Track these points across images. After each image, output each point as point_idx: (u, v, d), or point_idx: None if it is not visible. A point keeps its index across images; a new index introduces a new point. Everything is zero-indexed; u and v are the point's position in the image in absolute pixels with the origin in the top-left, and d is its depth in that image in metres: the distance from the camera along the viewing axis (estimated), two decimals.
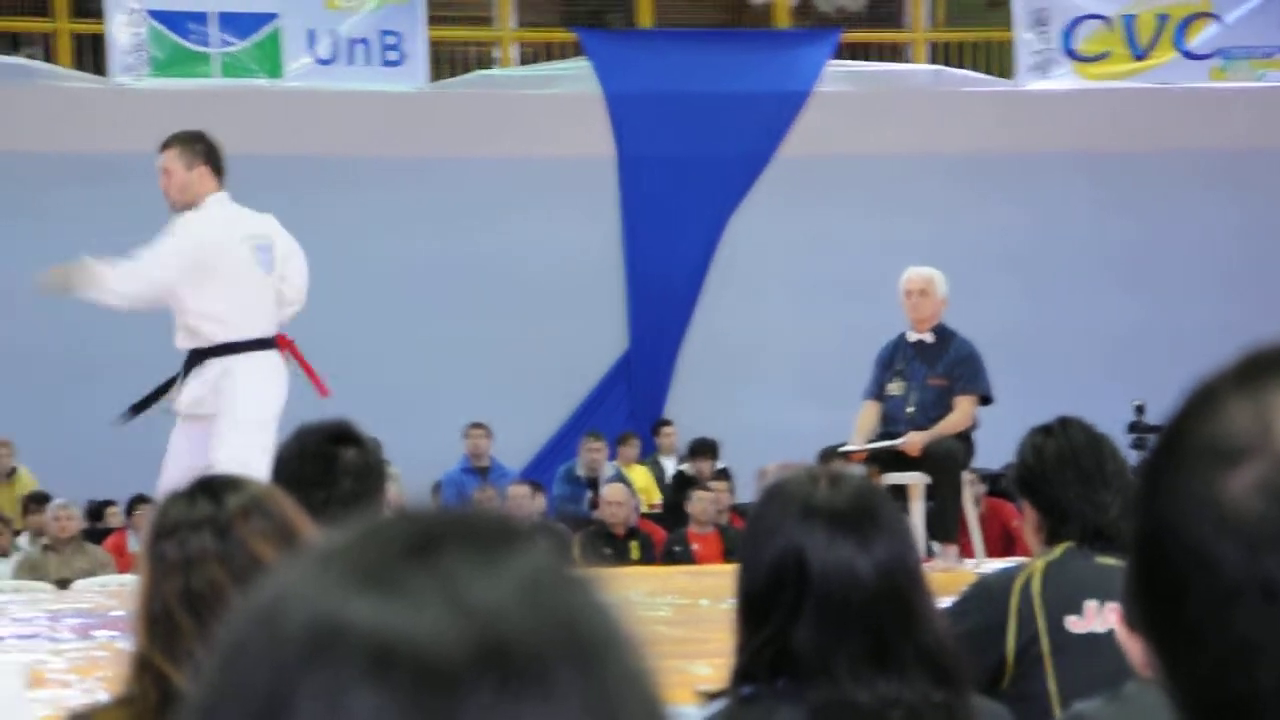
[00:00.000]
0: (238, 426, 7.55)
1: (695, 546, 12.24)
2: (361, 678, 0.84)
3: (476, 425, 14.29)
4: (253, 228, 8.04)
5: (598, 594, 0.92)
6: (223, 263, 7.75)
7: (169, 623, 2.55)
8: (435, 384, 15.10)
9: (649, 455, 14.82)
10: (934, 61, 17.07)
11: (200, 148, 7.86)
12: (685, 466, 14.36)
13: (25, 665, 5.13)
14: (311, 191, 15.46)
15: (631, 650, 0.91)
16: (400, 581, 0.87)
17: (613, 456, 14.35)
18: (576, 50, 16.48)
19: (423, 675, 0.84)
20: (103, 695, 3.56)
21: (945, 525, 9.12)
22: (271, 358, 7.82)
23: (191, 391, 7.75)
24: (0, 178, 14.94)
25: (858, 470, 2.72)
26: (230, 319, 7.74)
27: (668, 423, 15.24)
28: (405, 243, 15.60)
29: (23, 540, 12.48)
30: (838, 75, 16.45)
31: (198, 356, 7.78)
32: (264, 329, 7.85)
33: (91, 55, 15.74)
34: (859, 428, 9.42)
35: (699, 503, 12.58)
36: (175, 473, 7.61)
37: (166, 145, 7.89)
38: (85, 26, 15.77)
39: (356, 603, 0.86)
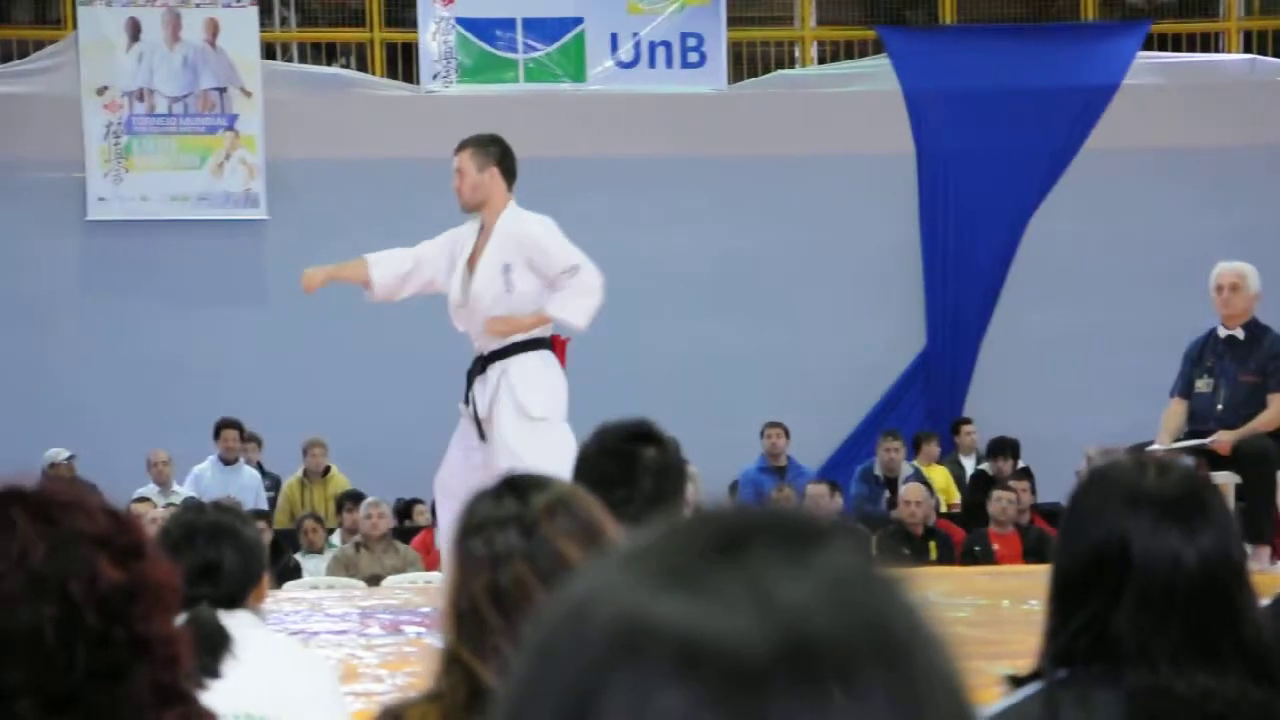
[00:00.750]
0: (513, 423, 7.65)
1: (995, 547, 12.07)
2: (669, 676, 0.84)
3: (774, 424, 14.28)
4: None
5: (904, 593, 0.91)
6: None
7: (476, 619, 2.59)
8: (733, 382, 15.13)
9: (948, 454, 14.65)
10: (1248, 51, 16.56)
11: (494, 151, 8.00)
12: (985, 466, 14.16)
13: (338, 660, 5.27)
14: (614, 193, 15.65)
15: (938, 650, 0.90)
16: (707, 580, 0.87)
17: (911, 456, 14.22)
18: (877, 48, 16.38)
19: (730, 673, 0.84)
20: (413, 690, 3.65)
21: (1257, 526, 8.85)
22: (545, 355, 7.83)
23: (481, 395, 7.87)
24: (320, 184, 15.41)
25: (1187, 461, 2.65)
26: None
27: (967, 421, 15.04)
28: (705, 242, 15.66)
29: (336, 538, 12.81)
30: (1148, 67, 16.07)
31: (483, 360, 7.90)
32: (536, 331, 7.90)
33: (402, 64, 16.15)
34: (1165, 426, 9.20)
35: (999, 503, 12.40)
36: (445, 471, 7.79)
37: (461, 147, 8.05)
38: (397, 35, 16.19)
39: (663, 601, 0.86)
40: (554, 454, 6.66)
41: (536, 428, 7.64)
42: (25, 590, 1.70)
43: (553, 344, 8.00)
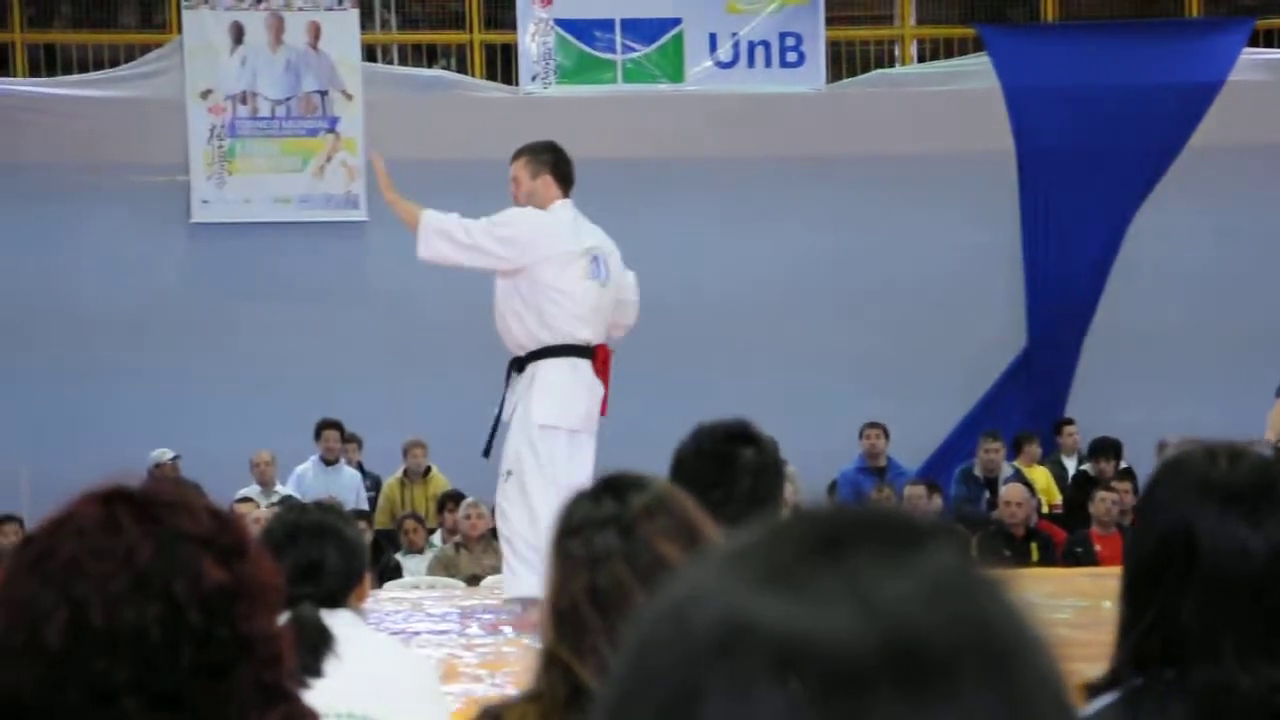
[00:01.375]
0: (522, 430, 7.63)
1: (1097, 548, 11.98)
2: (769, 675, 0.85)
3: (873, 424, 14.23)
4: (590, 238, 8.00)
5: (1007, 595, 0.90)
6: (550, 263, 7.80)
7: (576, 619, 2.59)
8: (832, 382, 15.10)
9: (1049, 455, 14.54)
10: None
11: (547, 158, 8.04)
12: (1087, 466, 14.04)
13: (439, 660, 5.30)
14: (712, 194, 15.65)
15: (1041, 652, 0.89)
16: (808, 580, 0.87)
17: (1011, 456, 14.12)
18: (977, 46, 16.28)
19: (831, 674, 0.84)
20: (512, 690, 3.65)
21: None
22: (579, 365, 7.77)
23: (510, 401, 7.89)
24: (420, 185, 15.48)
25: (1263, 446, 2.58)
26: (553, 323, 7.77)
27: (1069, 422, 14.92)
28: (803, 242, 15.64)
29: (436, 538, 12.89)
30: (1253, 63, 15.88)
31: (518, 364, 7.89)
32: (585, 337, 7.83)
33: (501, 65, 16.22)
34: (1272, 423, 9.10)
35: (1101, 503, 12.31)
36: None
37: (516, 156, 8.07)
38: (496, 37, 16.26)
39: (764, 601, 0.86)
40: (527, 460, 6.78)
41: (526, 432, 7.67)
42: (131, 590, 1.72)
43: (595, 353, 7.94)
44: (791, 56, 16.01)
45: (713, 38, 15.97)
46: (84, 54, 16.03)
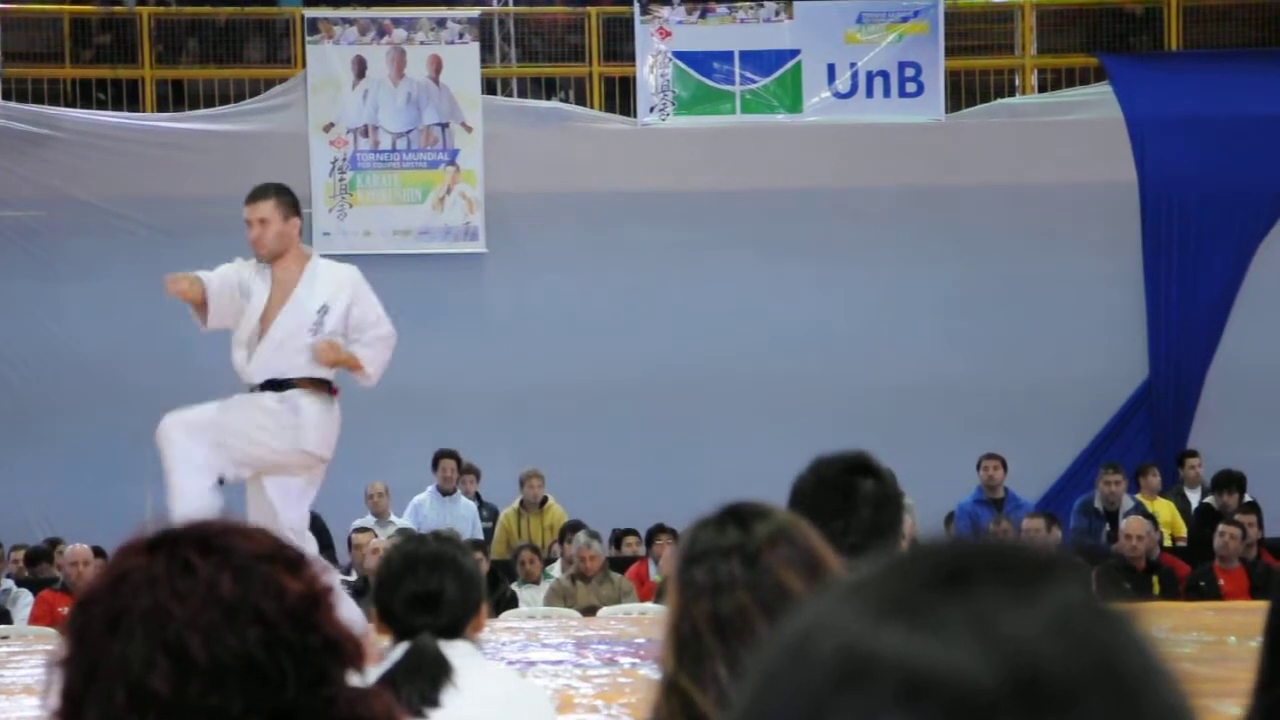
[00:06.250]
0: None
1: (1221, 582, 11.80)
2: (893, 707, 0.84)
3: (991, 456, 14.09)
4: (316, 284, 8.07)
5: (1133, 629, 0.90)
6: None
7: (697, 647, 2.57)
8: (951, 414, 15.00)
9: (1171, 487, 14.34)
10: None
11: (291, 199, 8.00)
12: (1210, 499, 13.85)
13: (555, 690, 5.31)
14: (830, 224, 15.62)
15: (1169, 687, 0.88)
16: (931, 612, 0.87)
17: (1132, 489, 13.95)
18: (1098, 75, 16.15)
19: (955, 706, 0.84)
20: None
21: None
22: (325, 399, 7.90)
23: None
24: (538, 217, 15.58)
25: None
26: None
27: (1193, 454, 14.71)
28: (922, 273, 15.56)
29: (554, 569, 12.91)
30: None
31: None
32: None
33: (620, 97, 16.29)
34: None
35: (1224, 537, 12.12)
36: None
37: (261, 197, 7.94)
38: (615, 70, 16.33)
39: (887, 632, 0.86)
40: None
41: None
42: (225, 621, 1.75)
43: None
44: (910, 86, 15.95)
45: (831, 68, 15.95)
46: (210, 89, 16.28)
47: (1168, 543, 13.16)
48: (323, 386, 7.88)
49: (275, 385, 7.82)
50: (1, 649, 9.03)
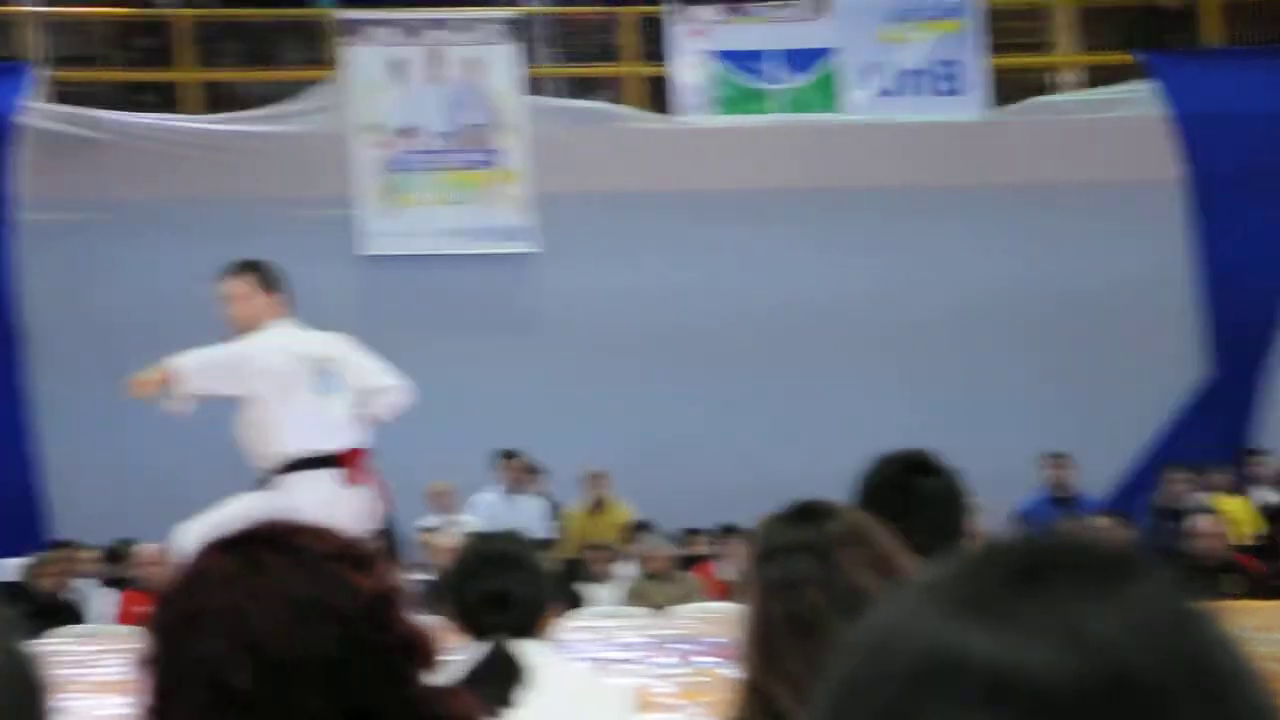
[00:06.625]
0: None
1: None
2: (977, 707, 0.84)
3: (1057, 454, 13.95)
4: (311, 349, 7.90)
5: (1215, 627, 0.89)
6: (269, 380, 7.69)
7: (773, 645, 2.58)
8: (1011, 411, 14.93)
9: (1241, 485, 14.21)
10: None
11: (271, 275, 7.91)
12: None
13: (630, 689, 5.30)
14: (870, 223, 15.58)
15: (1255, 686, 0.88)
16: (1013, 611, 0.87)
17: (1202, 487, 13.81)
18: (1137, 72, 16.09)
19: (1040, 706, 0.84)
20: None
21: None
22: (329, 475, 7.71)
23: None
24: (583, 216, 15.58)
25: None
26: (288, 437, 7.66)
27: (1261, 451, 14.59)
28: (969, 272, 15.51)
29: (621, 567, 12.89)
30: None
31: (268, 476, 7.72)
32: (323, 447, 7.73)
33: (659, 96, 16.28)
34: None
35: None
36: None
37: (238, 271, 7.83)
38: (655, 69, 16.33)
39: (970, 632, 0.86)
40: None
41: None
42: (300, 619, 1.77)
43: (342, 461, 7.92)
44: (949, 85, 15.91)
45: (868, 67, 15.92)
46: (250, 90, 16.32)
47: (1239, 541, 13.03)
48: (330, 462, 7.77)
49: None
50: (83, 648, 9.08)
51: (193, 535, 7.04)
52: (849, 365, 15.14)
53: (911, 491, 3.83)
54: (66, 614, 11.51)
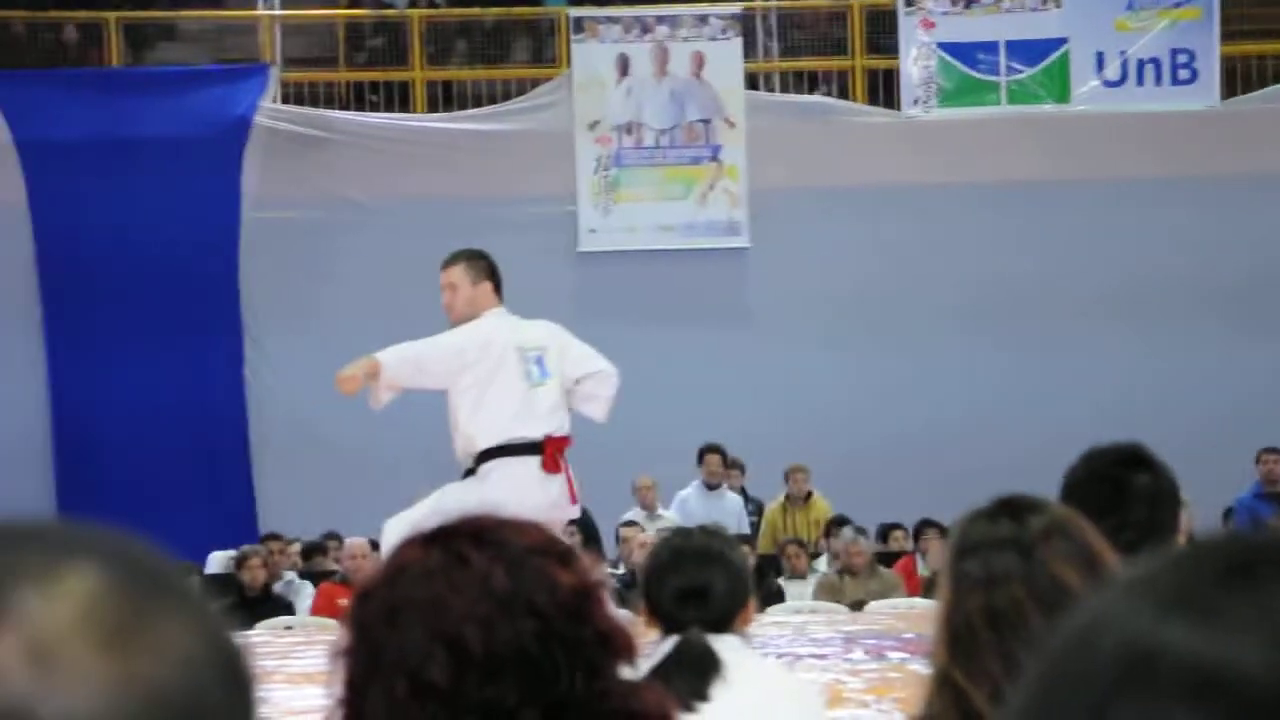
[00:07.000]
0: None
1: None
2: (1180, 705, 0.82)
3: (1270, 450, 13.68)
4: (521, 337, 7.87)
5: None
6: (473, 370, 7.70)
7: (970, 640, 2.54)
8: (1221, 406, 14.64)
9: None
10: None
11: (483, 265, 7.87)
12: None
13: (823, 685, 5.30)
14: (1097, 214, 15.34)
15: None
16: (1220, 607, 0.84)
17: None
18: None
19: (1244, 705, 0.81)
20: (898, 715, 3.62)
21: None
22: (528, 463, 7.70)
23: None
24: (800, 211, 15.55)
25: None
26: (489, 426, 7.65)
27: None
28: (1190, 260, 15.22)
29: (820, 563, 12.88)
30: None
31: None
32: (525, 434, 7.71)
33: (883, 90, 16.19)
34: None
35: None
36: None
37: (451, 262, 7.84)
38: (878, 62, 16.24)
39: (1174, 628, 0.84)
40: None
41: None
42: (500, 613, 1.78)
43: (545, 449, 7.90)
44: (1183, 73, 15.60)
45: (1100, 56, 15.67)
46: (478, 89, 16.56)
47: None
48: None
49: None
50: (285, 639, 9.31)
51: (400, 528, 7.16)
52: (1068, 357, 14.94)
53: (1122, 487, 3.74)
54: (275, 606, 11.78)
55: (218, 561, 13.16)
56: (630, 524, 12.94)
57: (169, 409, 15.19)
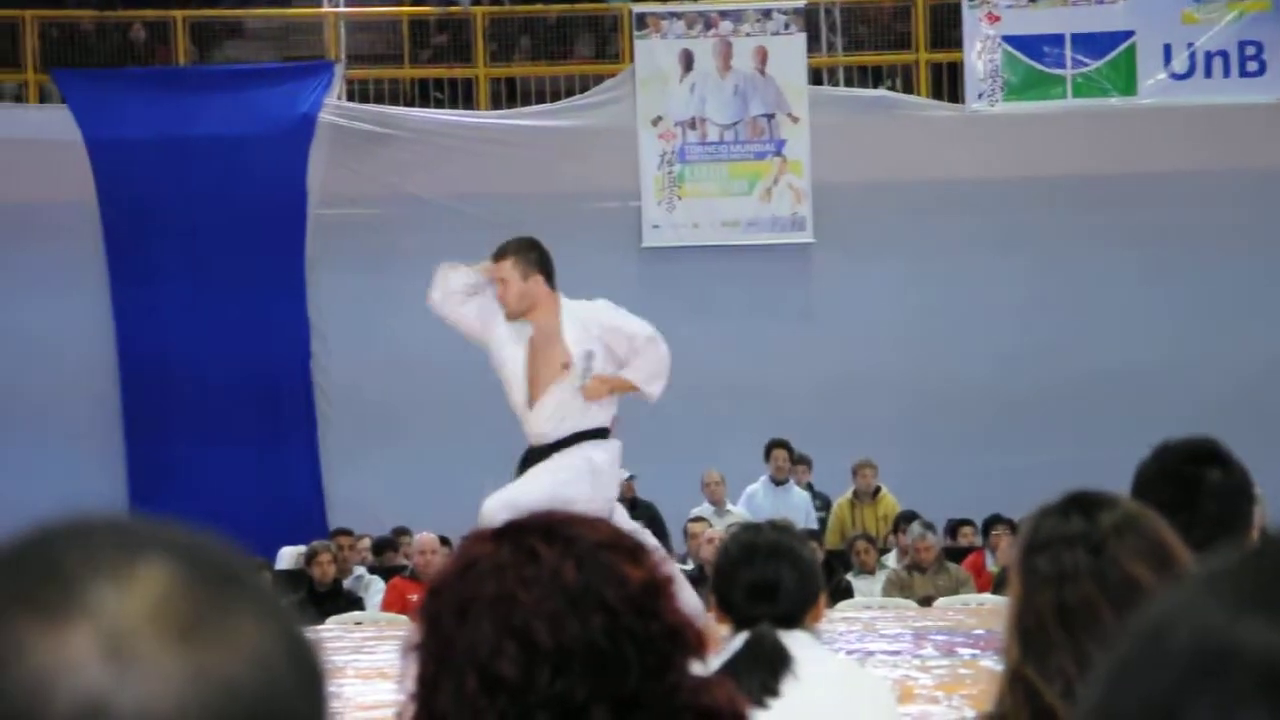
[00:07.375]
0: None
1: None
2: (1253, 698, 0.82)
3: None
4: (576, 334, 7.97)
5: None
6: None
7: (1041, 637, 2.53)
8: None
9: None
10: None
11: (534, 256, 7.84)
12: None
13: (893, 681, 5.28)
14: (1163, 209, 15.25)
15: None
16: None
17: None
18: None
19: None
20: (969, 712, 3.60)
21: None
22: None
23: None
24: (865, 206, 15.50)
25: None
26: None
27: None
28: (1257, 257, 15.11)
29: (889, 559, 12.85)
30: None
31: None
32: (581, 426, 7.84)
33: (947, 84, 16.13)
34: None
35: None
36: None
37: (501, 255, 7.83)
38: (942, 56, 16.18)
39: (1247, 624, 0.84)
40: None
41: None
42: (570, 608, 1.78)
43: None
44: (1252, 66, 15.48)
45: (1167, 49, 15.56)
46: (542, 85, 16.60)
47: None
48: (603, 434, 7.93)
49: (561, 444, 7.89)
50: (355, 634, 9.35)
51: (493, 512, 7.24)
52: (1128, 356, 14.86)
53: (1195, 483, 3.70)
54: (344, 601, 11.84)
55: (287, 557, 13.25)
56: (698, 519, 12.94)
57: (239, 405, 15.30)
